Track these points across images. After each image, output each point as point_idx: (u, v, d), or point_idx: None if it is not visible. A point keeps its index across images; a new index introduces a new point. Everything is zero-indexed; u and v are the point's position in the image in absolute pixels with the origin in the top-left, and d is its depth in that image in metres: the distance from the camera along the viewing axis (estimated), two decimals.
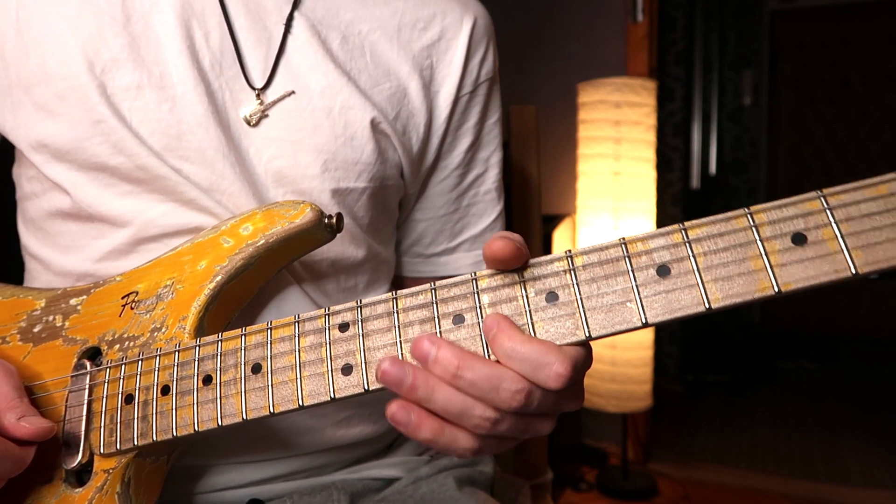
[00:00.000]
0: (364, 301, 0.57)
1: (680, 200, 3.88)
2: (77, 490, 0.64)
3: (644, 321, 0.49)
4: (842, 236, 0.45)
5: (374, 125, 0.78)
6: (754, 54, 4.69)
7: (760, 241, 0.47)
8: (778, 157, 5.10)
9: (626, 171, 2.50)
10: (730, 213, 0.49)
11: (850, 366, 4.48)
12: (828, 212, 0.46)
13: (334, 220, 0.68)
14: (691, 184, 4.22)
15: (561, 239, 2.65)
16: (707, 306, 0.47)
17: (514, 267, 0.53)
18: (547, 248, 2.52)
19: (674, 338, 3.95)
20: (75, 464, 0.63)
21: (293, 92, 0.75)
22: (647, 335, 2.60)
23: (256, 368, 0.59)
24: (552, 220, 2.70)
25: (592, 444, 3.11)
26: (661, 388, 2.90)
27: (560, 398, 0.52)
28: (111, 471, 0.63)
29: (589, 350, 0.53)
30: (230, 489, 0.77)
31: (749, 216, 0.48)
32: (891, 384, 4.08)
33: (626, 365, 2.57)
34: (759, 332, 4.57)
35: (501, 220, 0.97)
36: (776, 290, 0.46)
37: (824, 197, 0.46)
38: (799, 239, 0.46)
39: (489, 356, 0.52)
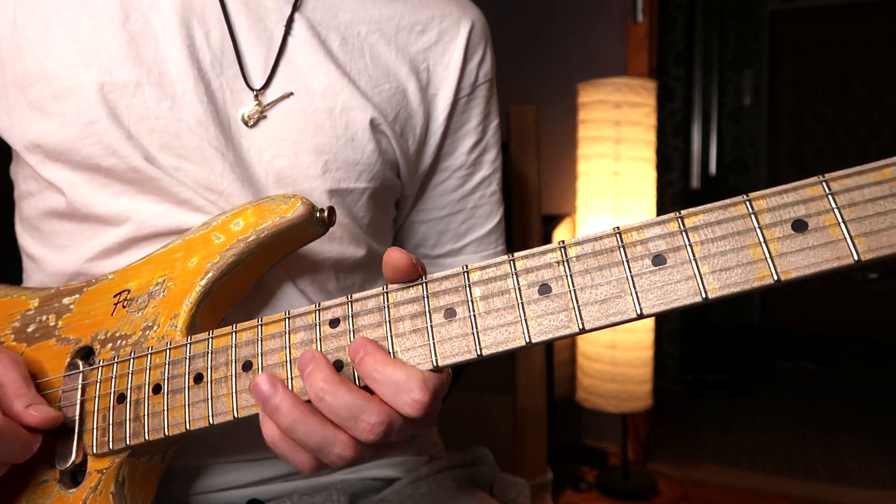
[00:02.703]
0: (355, 296, 0.56)
1: (680, 200, 3.88)
2: (71, 490, 0.63)
3: (639, 312, 0.48)
4: (844, 222, 0.44)
5: (373, 126, 0.77)
6: (754, 54, 4.70)
7: (759, 228, 0.46)
8: (778, 157, 5.10)
9: (626, 171, 2.51)
10: (728, 201, 0.47)
11: (850, 366, 4.49)
12: (830, 197, 0.45)
13: (326, 213, 0.67)
14: (691, 184, 4.22)
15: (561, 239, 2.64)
16: (704, 296, 0.46)
17: (409, 279, 0.55)
18: None
19: (674, 338, 3.95)
20: (69, 464, 0.63)
21: (292, 93, 0.75)
22: (648, 336, 2.60)
23: (247, 366, 0.58)
24: (552, 220, 2.71)
25: (592, 444, 3.11)
26: (661, 388, 2.90)
27: (414, 425, 0.53)
28: (105, 471, 0.63)
29: (447, 375, 0.54)
30: (230, 489, 0.77)
31: (748, 203, 0.47)
32: (891, 384, 4.08)
33: (626, 365, 2.57)
34: (759, 332, 4.57)
35: (503, 220, 0.98)
36: (775, 278, 0.45)
37: (826, 182, 0.45)
38: (799, 226, 0.45)
39: (479, 351, 0.52)
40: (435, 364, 0.52)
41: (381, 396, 0.51)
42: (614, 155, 2.51)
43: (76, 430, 0.64)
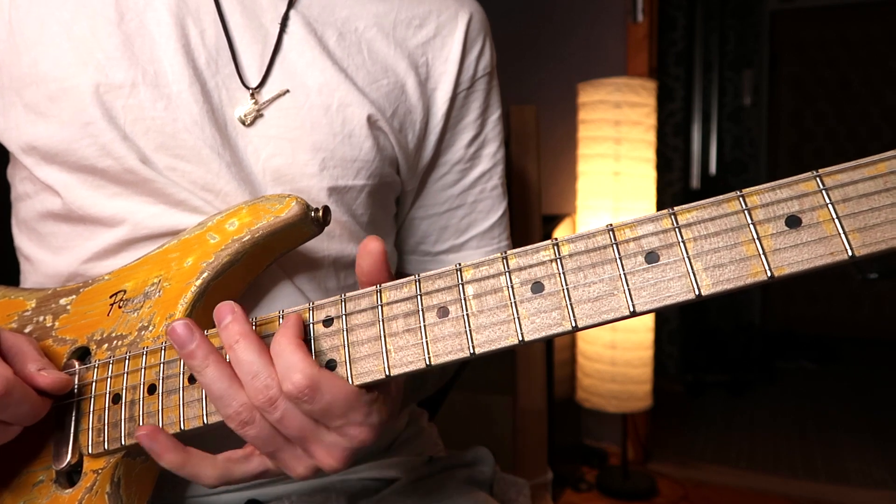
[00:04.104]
0: (347, 295, 0.56)
1: (680, 200, 3.87)
2: (67, 491, 0.63)
3: (632, 310, 0.47)
4: (838, 218, 0.44)
5: (371, 122, 0.77)
6: (754, 54, 4.70)
7: (753, 224, 0.46)
8: (778, 157, 5.11)
9: (626, 171, 2.51)
10: (721, 197, 0.47)
11: (850, 366, 4.49)
12: (823, 193, 0.44)
13: (320, 213, 0.67)
14: (691, 184, 4.23)
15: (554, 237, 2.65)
16: (697, 293, 0.46)
17: (379, 274, 0.57)
18: None
19: (674, 338, 3.95)
20: (64, 464, 0.63)
21: (288, 91, 0.74)
22: (648, 336, 2.60)
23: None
24: (552, 220, 2.71)
25: (592, 444, 3.12)
26: (661, 388, 2.91)
27: (310, 431, 0.54)
28: (100, 471, 0.63)
29: (365, 402, 0.54)
30: (228, 491, 0.77)
31: (741, 199, 0.46)
32: (891, 384, 4.08)
33: (626, 365, 2.57)
34: (759, 332, 4.58)
35: (507, 215, 0.97)
36: (769, 274, 0.45)
37: (820, 177, 0.45)
38: (793, 222, 0.45)
39: (472, 350, 0.51)
40: (428, 363, 0.52)
41: (277, 370, 0.53)
42: (614, 155, 2.51)
43: (72, 431, 0.64)
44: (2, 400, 0.56)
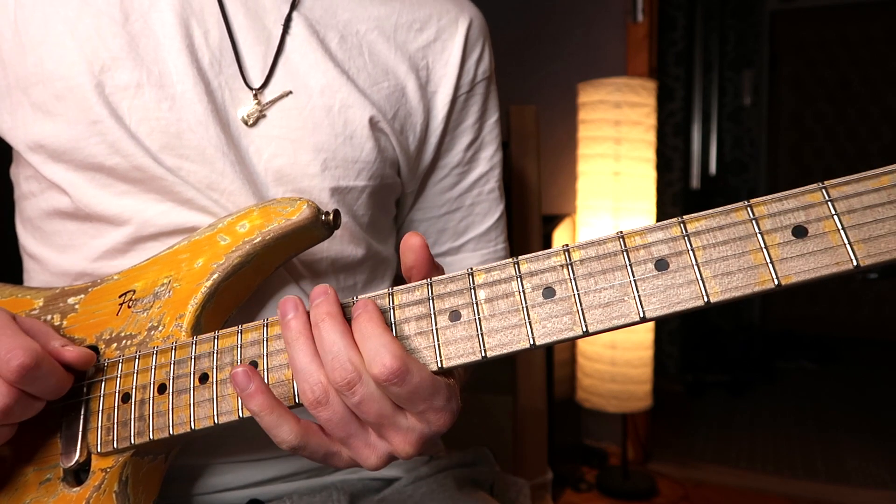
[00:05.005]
0: (360, 297, 0.57)
1: (680, 200, 3.88)
2: (75, 489, 0.63)
3: (642, 316, 0.48)
4: (843, 229, 0.45)
5: (372, 123, 0.78)
6: (754, 54, 4.69)
7: (760, 234, 0.47)
8: (778, 157, 5.10)
9: (626, 171, 2.51)
10: (729, 207, 0.48)
11: (850, 366, 4.48)
12: (829, 204, 0.45)
13: (331, 216, 0.68)
14: (691, 184, 4.22)
15: (561, 239, 2.65)
16: (706, 300, 0.47)
17: (426, 266, 0.57)
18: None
19: (674, 338, 3.95)
20: (73, 463, 0.63)
21: (290, 92, 0.75)
22: (648, 336, 2.60)
23: (253, 366, 0.58)
24: (552, 220, 2.70)
25: (592, 444, 3.12)
26: (661, 388, 2.91)
27: (388, 416, 0.54)
28: (109, 470, 0.63)
29: (446, 386, 0.54)
30: (230, 490, 0.77)
31: (749, 209, 0.47)
32: (891, 384, 4.08)
33: (626, 365, 2.57)
34: (759, 332, 4.58)
35: (504, 218, 0.97)
36: (776, 283, 0.46)
37: (825, 189, 0.46)
38: (800, 232, 0.46)
39: (484, 353, 0.52)
40: (439, 366, 0.53)
41: (363, 354, 0.52)
42: (614, 155, 2.51)
43: (80, 429, 0.64)
44: (31, 372, 0.56)
